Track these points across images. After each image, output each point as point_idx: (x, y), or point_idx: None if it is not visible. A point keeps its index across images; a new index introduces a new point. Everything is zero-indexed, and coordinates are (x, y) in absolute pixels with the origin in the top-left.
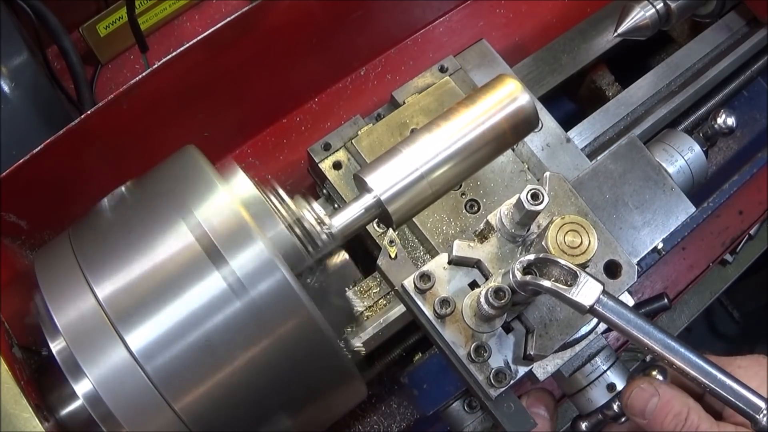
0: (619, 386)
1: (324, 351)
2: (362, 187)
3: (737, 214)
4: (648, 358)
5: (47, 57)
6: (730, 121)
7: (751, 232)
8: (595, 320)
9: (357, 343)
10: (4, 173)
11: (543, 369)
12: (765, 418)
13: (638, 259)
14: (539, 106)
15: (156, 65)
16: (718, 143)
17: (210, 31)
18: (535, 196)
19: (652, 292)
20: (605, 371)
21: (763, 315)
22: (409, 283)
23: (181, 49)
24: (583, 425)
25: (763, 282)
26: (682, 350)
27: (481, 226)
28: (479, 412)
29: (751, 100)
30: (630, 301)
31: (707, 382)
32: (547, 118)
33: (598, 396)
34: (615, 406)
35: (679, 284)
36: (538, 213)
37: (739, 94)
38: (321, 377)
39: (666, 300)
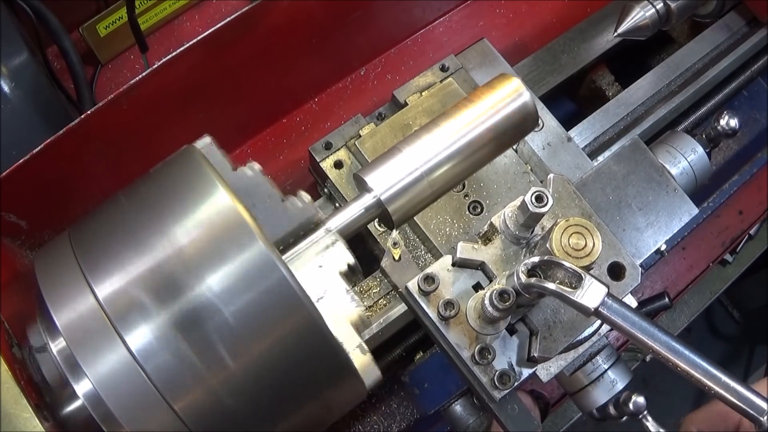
0: (620, 385)
1: (324, 350)
2: (362, 187)
3: (737, 214)
4: (648, 358)
5: (47, 57)
6: (733, 122)
7: (751, 232)
8: (598, 322)
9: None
10: (4, 173)
11: (546, 370)
12: None
13: (641, 260)
14: (540, 105)
15: (156, 65)
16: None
17: (210, 31)
18: (539, 199)
19: (652, 292)
20: (606, 370)
21: (763, 315)
22: (413, 285)
23: (181, 49)
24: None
25: (763, 282)
26: (687, 353)
27: (485, 228)
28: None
29: (751, 100)
30: (633, 303)
31: (711, 384)
32: (548, 117)
33: (600, 395)
34: (615, 405)
35: (679, 284)
36: (542, 215)
37: (739, 94)
38: (321, 377)
39: (667, 299)
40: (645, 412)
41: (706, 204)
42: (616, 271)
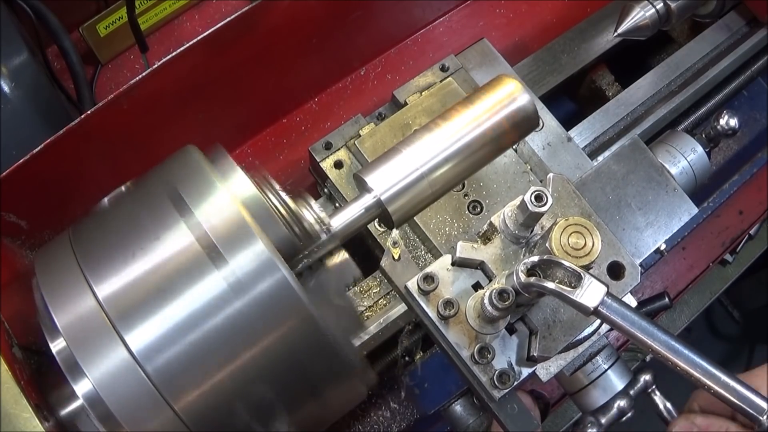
0: (620, 385)
1: (324, 350)
2: (362, 187)
3: (737, 214)
4: (648, 358)
5: (47, 57)
6: (733, 122)
7: (751, 232)
8: (598, 321)
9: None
10: (4, 173)
11: (546, 370)
12: None
13: (641, 260)
14: (540, 106)
15: (156, 65)
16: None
17: (210, 31)
18: (539, 198)
19: (652, 292)
20: (606, 370)
21: (763, 315)
22: (412, 284)
23: (181, 49)
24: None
25: (763, 282)
26: (686, 352)
27: (485, 227)
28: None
29: (751, 100)
30: (633, 302)
31: (711, 383)
32: (548, 117)
33: (600, 395)
34: (616, 405)
35: (679, 284)
36: (542, 215)
37: (739, 94)
38: (321, 377)
39: (667, 299)
40: (653, 387)
41: (706, 204)
42: (615, 271)
